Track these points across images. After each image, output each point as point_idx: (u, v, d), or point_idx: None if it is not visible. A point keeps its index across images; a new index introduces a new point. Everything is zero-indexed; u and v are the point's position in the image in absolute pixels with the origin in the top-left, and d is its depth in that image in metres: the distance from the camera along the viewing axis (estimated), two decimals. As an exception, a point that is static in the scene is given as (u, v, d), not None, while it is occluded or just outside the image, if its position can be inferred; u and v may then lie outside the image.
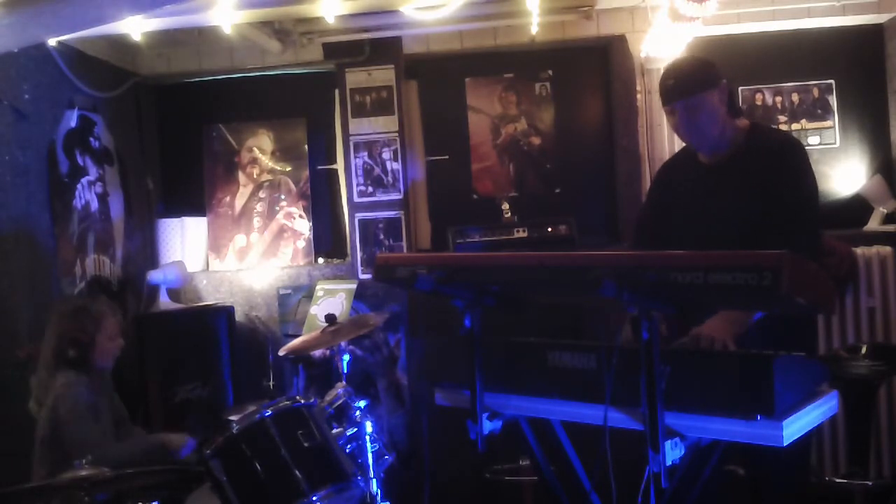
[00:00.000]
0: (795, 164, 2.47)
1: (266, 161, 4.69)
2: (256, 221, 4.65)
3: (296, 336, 3.81)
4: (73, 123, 3.81)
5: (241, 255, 4.64)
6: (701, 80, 2.48)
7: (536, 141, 4.63)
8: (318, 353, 3.89)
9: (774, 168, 2.45)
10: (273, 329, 4.45)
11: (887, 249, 4.09)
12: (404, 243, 4.35)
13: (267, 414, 2.62)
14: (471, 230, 4.05)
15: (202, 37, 4.35)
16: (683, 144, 2.77)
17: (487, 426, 2.06)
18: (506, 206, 4.33)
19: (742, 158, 2.52)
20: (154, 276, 4.31)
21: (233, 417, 2.81)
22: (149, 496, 2.61)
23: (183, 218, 4.62)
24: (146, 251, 4.52)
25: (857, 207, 4.38)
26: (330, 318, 3.31)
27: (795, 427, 1.68)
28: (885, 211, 4.31)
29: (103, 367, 3.03)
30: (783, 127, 4.45)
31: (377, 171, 4.36)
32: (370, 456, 2.97)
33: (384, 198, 4.37)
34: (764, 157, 2.48)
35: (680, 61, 2.64)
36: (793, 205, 2.42)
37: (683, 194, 2.65)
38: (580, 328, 3.43)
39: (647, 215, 2.86)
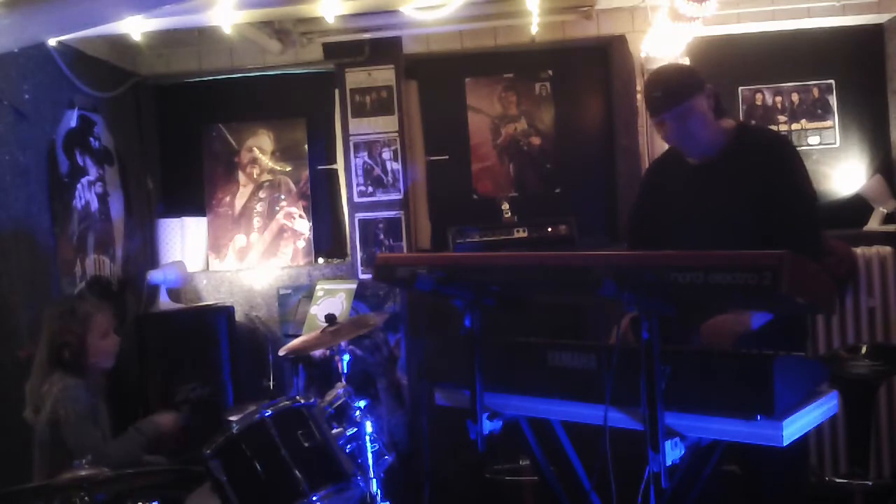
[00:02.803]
0: (789, 164, 2.48)
1: (266, 161, 4.69)
2: (256, 221, 4.65)
3: (296, 336, 3.82)
4: (73, 123, 3.81)
5: (241, 255, 4.64)
6: (687, 87, 2.49)
7: (536, 141, 4.63)
8: (318, 353, 3.89)
9: (767, 168, 2.45)
10: (273, 329, 4.45)
11: (887, 249, 4.09)
12: (404, 243, 4.35)
13: (267, 414, 2.62)
14: (471, 230, 4.05)
15: (202, 37, 4.34)
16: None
17: (487, 426, 2.06)
18: (506, 206, 4.33)
19: (732, 158, 2.53)
20: (154, 276, 4.31)
21: (233, 417, 2.81)
22: (149, 496, 2.60)
23: (183, 218, 4.62)
24: (146, 251, 4.52)
25: (857, 207, 4.38)
26: (330, 318, 3.31)
27: (795, 427, 1.69)
28: (885, 211, 4.31)
29: (102, 367, 2.99)
30: (783, 127, 4.46)
31: (377, 171, 4.36)
32: (370, 456, 2.97)
33: (384, 198, 4.37)
34: (755, 156, 2.49)
35: (662, 72, 2.65)
36: (794, 205, 2.43)
37: (674, 195, 2.66)
38: (580, 328, 3.43)
39: (639, 218, 2.86)
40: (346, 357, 3.31)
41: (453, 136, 4.63)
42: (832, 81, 4.48)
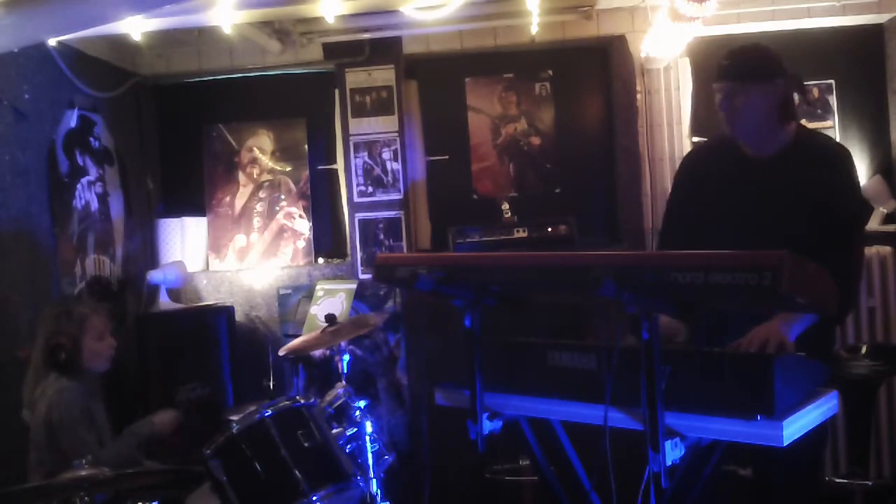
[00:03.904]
0: (848, 179, 2.42)
1: (266, 161, 4.69)
2: (256, 221, 4.65)
3: (296, 336, 3.82)
4: (73, 123, 3.81)
5: (241, 255, 4.64)
6: (752, 71, 2.40)
7: (536, 141, 4.63)
8: (318, 353, 3.89)
9: (827, 181, 2.38)
10: (273, 329, 4.45)
11: (887, 249, 4.09)
12: (404, 243, 4.35)
13: (267, 414, 2.62)
14: (471, 230, 4.05)
15: (202, 37, 4.34)
16: (690, 143, 2.71)
17: (487, 426, 2.06)
18: (506, 206, 4.33)
19: (790, 161, 2.43)
20: (154, 276, 4.31)
21: (233, 417, 2.81)
22: (149, 496, 2.60)
23: (183, 218, 4.62)
24: (146, 251, 4.52)
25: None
26: (330, 318, 3.31)
27: (795, 427, 1.69)
28: (885, 211, 4.31)
29: (98, 369, 2.98)
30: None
31: (377, 171, 4.37)
32: (370, 456, 2.97)
33: (384, 198, 4.37)
34: (815, 165, 2.40)
35: (744, 45, 2.52)
36: (846, 222, 2.36)
37: (724, 188, 2.53)
38: (580, 328, 3.44)
39: (681, 206, 2.68)
40: (346, 357, 3.31)
41: (453, 136, 4.63)
42: (832, 81, 4.48)
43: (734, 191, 2.51)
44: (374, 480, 2.97)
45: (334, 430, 2.91)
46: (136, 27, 3.60)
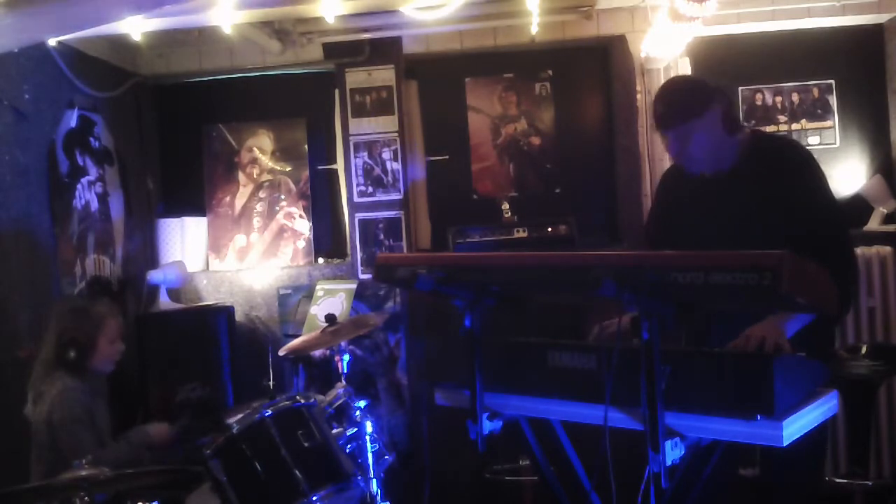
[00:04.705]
0: (805, 173, 2.40)
1: (266, 161, 4.69)
2: (256, 221, 4.65)
3: (296, 336, 3.82)
4: (73, 123, 3.81)
5: (241, 255, 4.64)
6: (690, 108, 2.39)
7: (536, 141, 4.63)
8: (318, 353, 3.89)
9: (782, 179, 2.38)
10: (273, 329, 4.45)
11: (887, 249, 4.09)
12: (404, 243, 4.35)
13: (267, 414, 2.62)
14: (471, 230, 4.06)
15: (202, 37, 4.34)
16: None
17: (487, 426, 2.06)
18: (506, 206, 4.33)
19: (746, 170, 2.45)
20: (154, 276, 4.31)
21: (233, 418, 2.81)
22: (149, 496, 2.60)
23: (183, 218, 4.61)
24: (146, 251, 4.52)
25: (857, 207, 4.38)
26: (330, 318, 3.31)
27: (795, 427, 1.69)
28: (885, 211, 4.31)
29: (103, 371, 3.00)
30: (783, 127, 4.46)
31: (377, 171, 4.36)
32: (370, 456, 2.97)
33: (384, 198, 4.37)
34: (768, 167, 2.41)
35: (671, 86, 2.56)
36: (816, 218, 2.35)
37: (689, 206, 2.58)
38: (580, 328, 3.44)
39: (654, 228, 2.79)
40: (346, 357, 3.31)
41: (453, 136, 4.63)
42: (832, 81, 4.48)
43: (697, 209, 2.54)
44: (374, 480, 2.96)
45: (334, 430, 2.91)
46: (136, 27, 3.60)
